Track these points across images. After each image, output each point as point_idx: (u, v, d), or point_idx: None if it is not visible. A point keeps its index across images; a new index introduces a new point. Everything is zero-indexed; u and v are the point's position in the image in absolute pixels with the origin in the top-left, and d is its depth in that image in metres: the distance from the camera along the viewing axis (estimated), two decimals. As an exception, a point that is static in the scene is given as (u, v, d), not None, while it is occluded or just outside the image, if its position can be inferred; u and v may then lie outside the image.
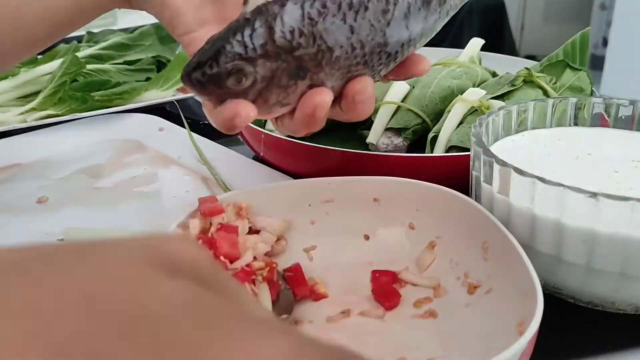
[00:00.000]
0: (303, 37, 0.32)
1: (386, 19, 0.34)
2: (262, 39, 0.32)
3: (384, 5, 0.33)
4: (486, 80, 0.74)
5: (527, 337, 0.32)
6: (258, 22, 0.32)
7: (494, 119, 0.52)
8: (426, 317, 0.44)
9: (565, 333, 0.44)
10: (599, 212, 0.40)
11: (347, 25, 0.33)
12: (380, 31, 0.34)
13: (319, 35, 0.33)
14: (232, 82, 0.33)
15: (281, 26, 0.32)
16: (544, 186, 0.41)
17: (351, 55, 0.34)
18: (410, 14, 0.35)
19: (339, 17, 0.32)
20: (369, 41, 0.34)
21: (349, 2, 0.32)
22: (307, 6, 0.32)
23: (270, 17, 0.32)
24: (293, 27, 0.32)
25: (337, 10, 0.32)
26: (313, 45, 0.33)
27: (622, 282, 0.42)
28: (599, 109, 0.55)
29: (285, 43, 0.33)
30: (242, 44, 0.32)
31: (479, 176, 0.47)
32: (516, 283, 0.38)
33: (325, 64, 0.34)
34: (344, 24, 0.33)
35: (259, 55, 0.32)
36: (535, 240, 0.44)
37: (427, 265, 0.48)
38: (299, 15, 0.32)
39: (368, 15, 0.33)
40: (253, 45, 0.32)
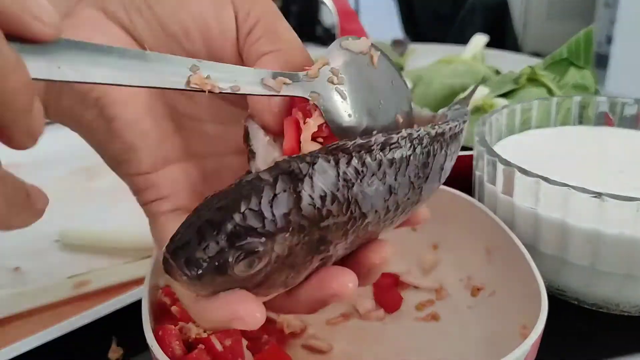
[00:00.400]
0: (336, 203, 0.25)
1: (425, 172, 0.28)
2: (285, 208, 0.24)
3: (424, 158, 0.27)
4: (489, 78, 0.73)
5: (532, 340, 0.31)
6: (281, 185, 0.24)
7: (497, 117, 0.52)
8: (428, 320, 0.44)
9: (570, 335, 0.43)
10: (604, 213, 0.39)
11: (386, 185, 0.26)
12: (418, 188, 0.28)
13: (354, 200, 0.25)
14: (242, 268, 0.24)
15: (310, 190, 0.24)
16: (548, 186, 0.41)
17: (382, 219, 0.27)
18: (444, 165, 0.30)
19: (379, 176, 0.26)
20: (405, 201, 0.28)
21: (391, 158, 0.26)
22: (343, 165, 0.25)
23: (296, 177, 0.24)
24: (325, 192, 0.24)
25: (377, 168, 0.25)
26: (345, 213, 0.25)
27: (627, 284, 0.41)
28: (603, 107, 0.55)
29: (313, 212, 0.24)
30: (258, 215, 0.23)
31: (482, 176, 0.47)
32: (520, 285, 0.38)
33: (351, 233, 0.27)
34: (383, 184, 0.26)
35: (278, 229, 0.24)
36: (539, 241, 0.43)
37: (430, 267, 0.47)
38: (333, 176, 0.24)
39: (409, 171, 0.27)
40: (273, 216, 0.23)
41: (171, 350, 0.34)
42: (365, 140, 0.25)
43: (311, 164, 0.24)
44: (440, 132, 0.28)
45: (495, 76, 0.75)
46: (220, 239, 0.23)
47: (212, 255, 0.23)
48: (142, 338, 0.32)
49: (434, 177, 0.29)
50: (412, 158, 0.27)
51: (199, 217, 0.23)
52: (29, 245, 0.52)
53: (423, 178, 0.28)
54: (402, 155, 0.26)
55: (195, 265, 0.23)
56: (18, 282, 0.47)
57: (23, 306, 0.43)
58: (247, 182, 0.24)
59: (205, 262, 0.23)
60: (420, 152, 0.27)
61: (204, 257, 0.23)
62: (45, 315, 0.43)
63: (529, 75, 0.68)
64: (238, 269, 0.24)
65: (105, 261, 0.50)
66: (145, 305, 0.34)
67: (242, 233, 0.23)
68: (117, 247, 0.51)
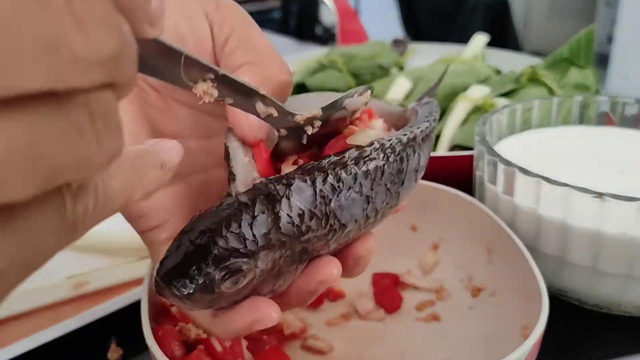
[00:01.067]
0: (314, 219, 0.26)
1: (400, 178, 0.29)
2: (264, 228, 0.25)
3: (399, 164, 0.29)
4: (490, 78, 0.73)
5: (532, 341, 0.31)
6: (259, 207, 0.25)
7: (498, 117, 0.52)
8: (429, 321, 0.44)
9: (571, 336, 0.43)
10: (605, 213, 0.39)
11: (363, 196, 0.27)
12: (395, 193, 0.29)
13: (333, 213, 0.26)
14: (228, 285, 0.25)
15: (288, 209, 0.25)
16: (549, 186, 0.41)
17: (363, 225, 0.29)
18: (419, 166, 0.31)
19: (355, 189, 0.27)
20: (383, 207, 0.29)
21: (365, 171, 0.27)
22: (319, 183, 0.26)
23: (274, 199, 0.25)
24: (303, 210, 0.26)
25: (352, 182, 0.27)
26: (325, 227, 0.27)
27: (629, 284, 0.41)
28: (604, 107, 0.55)
29: (292, 229, 0.26)
30: (239, 237, 0.25)
31: (483, 176, 0.47)
32: (521, 285, 0.38)
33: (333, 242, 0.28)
34: (360, 195, 0.27)
35: (260, 248, 0.25)
36: (540, 242, 0.43)
37: (430, 267, 0.47)
38: (310, 194, 0.26)
39: (385, 179, 0.28)
40: (254, 237, 0.25)
41: (171, 351, 0.34)
42: (340, 156, 0.26)
43: (287, 185, 0.26)
44: (412, 137, 0.29)
45: (496, 76, 0.75)
46: (206, 261, 0.25)
47: (200, 276, 0.25)
48: (141, 338, 0.32)
49: (409, 180, 0.30)
50: (386, 167, 0.28)
51: (185, 241, 0.25)
52: (28, 245, 0.52)
53: (399, 183, 0.29)
54: (377, 166, 0.27)
55: (184, 287, 0.25)
56: (17, 282, 0.47)
57: (22, 306, 0.43)
58: (227, 206, 0.25)
59: (193, 283, 0.25)
60: (394, 160, 0.28)
61: (192, 279, 0.25)
62: (45, 316, 0.43)
63: (530, 75, 0.68)
64: (225, 286, 0.25)
65: (104, 261, 0.49)
66: (144, 306, 0.34)
67: (226, 255, 0.25)
68: (117, 248, 0.51)
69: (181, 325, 0.37)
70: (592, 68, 0.71)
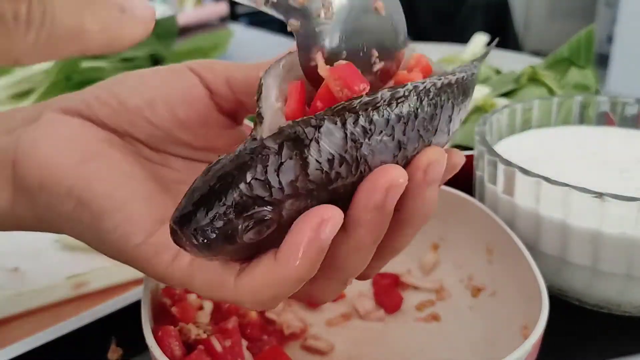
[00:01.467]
0: (344, 165, 0.24)
1: (434, 125, 0.27)
2: (292, 175, 0.23)
3: (432, 110, 0.26)
4: (490, 77, 0.73)
5: (532, 341, 0.31)
6: (286, 152, 0.23)
7: (498, 117, 0.52)
8: (429, 321, 0.44)
9: (571, 336, 0.43)
10: (605, 213, 0.39)
11: (395, 141, 0.25)
12: (427, 141, 0.27)
13: (364, 159, 0.24)
14: (251, 236, 0.24)
15: (317, 155, 0.23)
16: (549, 186, 0.41)
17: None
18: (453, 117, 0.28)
19: (387, 132, 0.25)
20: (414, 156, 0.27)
21: (398, 113, 0.25)
22: (350, 125, 0.24)
23: (302, 143, 0.23)
24: (333, 155, 0.24)
25: (385, 124, 0.24)
26: (355, 174, 0.24)
27: (629, 284, 0.41)
28: (604, 107, 0.55)
29: (320, 176, 0.24)
30: (264, 184, 0.23)
31: (483, 176, 0.47)
32: (521, 285, 0.38)
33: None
34: (392, 140, 0.25)
35: (286, 197, 0.23)
36: (540, 242, 0.43)
37: (430, 267, 0.47)
38: (340, 137, 0.24)
39: (418, 124, 0.26)
40: (280, 184, 0.23)
41: (171, 351, 0.34)
42: (372, 97, 0.24)
43: (317, 127, 0.23)
44: (447, 82, 0.27)
45: (495, 76, 0.75)
46: (228, 208, 0.23)
47: (221, 225, 0.23)
48: (141, 339, 0.32)
49: (442, 129, 0.28)
50: (419, 111, 0.26)
51: (204, 186, 0.23)
52: (28, 246, 0.52)
53: (432, 131, 0.27)
54: (410, 109, 0.25)
55: (203, 235, 0.23)
56: (17, 283, 0.47)
57: (22, 306, 0.43)
58: (251, 150, 0.23)
59: (213, 232, 0.23)
60: (427, 104, 0.26)
61: (213, 227, 0.23)
62: (45, 316, 0.43)
63: (530, 75, 0.68)
64: (247, 237, 0.23)
65: (104, 261, 0.49)
66: (145, 306, 0.34)
67: (250, 203, 0.23)
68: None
69: (181, 325, 0.37)
70: (592, 68, 0.71)
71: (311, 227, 0.23)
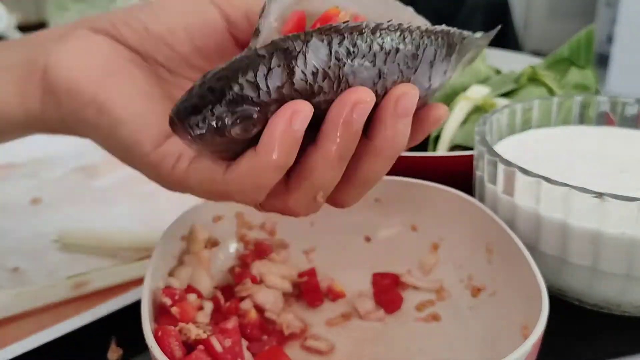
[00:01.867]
0: (327, 80, 0.27)
1: (414, 64, 0.29)
2: (278, 81, 0.26)
3: (414, 49, 0.29)
4: (490, 77, 0.73)
5: (532, 341, 0.31)
6: (275, 60, 0.26)
7: (498, 117, 0.52)
8: (429, 321, 0.44)
9: (571, 336, 0.43)
10: (605, 213, 0.39)
11: (376, 68, 0.28)
12: (407, 78, 0.29)
13: (345, 78, 0.27)
14: (238, 131, 0.27)
15: (303, 66, 0.26)
16: (549, 186, 0.41)
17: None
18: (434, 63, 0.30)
19: (369, 58, 0.27)
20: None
21: (381, 43, 0.27)
22: (335, 44, 0.27)
23: (290, 54, 0.26)
24: (317, 69, 0.27)
25: (367, 50, 0.27)
26: (336, 90, 0.27)
27: (629, 284, 0.41)
28: (604, 107, 0.55)
29: (304, 87, 0.27)
30: (254, 86, 0.26)
31: (483, 176, 0.47)
32: (521, 285, 0.38)
33: None
34: (373, 66, 0.28)
35: (272, 100, 0.27)
36: (540, 242, 0.43)
37: (430, 267, 0.47)
38: (325, 54, 0.27)
39: (398, 58, 0.28)
40: (267, 87, 0.26)
41: (171, 351, 0.34)
42: (357, 23, 0.27)
43: (305, 41, 0.26)
44: (432, 29, 0.29)
45: (495, 76, 0.75)
46: (220, 104, 0.26)
47: (212, 117, 0.27)
48: (141, 338, 0.32)
49: (423, 73, 0.30)
50: (401, 46, 0.28)
51: (202, 85, 0.27)
52: (28, 245, 0.52)
53: (412, 69, 0.29)
54: (392, 41, 0.28)
55: (197, 125, 0.27)
56: (17, 282, 0.47)
57: (22, 306, 0.43)
58: (245, 57, 0.26)
59: (205, 122, 0.27)
60: (410, 41, 0.28)
61: (205, 118, 0.27)
62: (45, 316, 0.43)
63: (530, 75, 0.68)
64: (235, 131, 0.27)
65: (104, 261, 0.49)
66: (145, 306, 0.34)
67: (239, 100, 0.26)
68: (117, 247, 0.51)
69: (181, 325, 0.36)
70: (592, 68, 0.71)
71: (284, 119, 0.26)
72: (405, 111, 0.28)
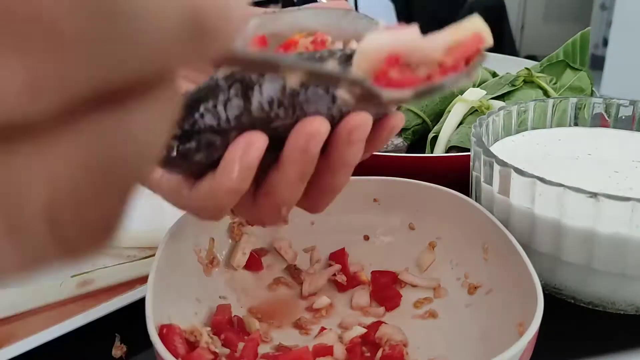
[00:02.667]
0: (282, 108, 0.28)
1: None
2: (237, 110, 0.28)
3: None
4: (486, 80, 0.74)
5: (528, 338, 0.32)
6: (234, 91, 0.28)
7: (494, 119, 0.52)
8: (426, 318, 0.44)
9: (566, 333, 0.44)
10: (599, 213, 0.40)
11: (329, 95, 0.29)
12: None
13: (300, 106, 0.28)
14: (202, 157, 0.28)
15: (259, 96, 0.28)
16: (544, 186, 0.41)
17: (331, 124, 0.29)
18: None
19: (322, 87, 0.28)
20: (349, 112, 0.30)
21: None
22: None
23: (247, 85, 0.28)
24: (272, 98, 0.28)
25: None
26: (292, 117, 0.28)
27: (622, 283, 0.42)
28: (599, 109, 0.55)
29: (262, 115, 0.28)
30: (214, 115, 0.28)
31: (479, 176, 0.47)
32: (516, 283, 0.38)
33: None
34: (326, 93, 0.29)
35: (232, 127, 0.28)
36: (535, 241, 0.44)
37: (427, 265, 0.47)
38: (280, 85, 0.28)
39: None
40: (227, 116, 0.28)
41: (174, 348, 0.34)
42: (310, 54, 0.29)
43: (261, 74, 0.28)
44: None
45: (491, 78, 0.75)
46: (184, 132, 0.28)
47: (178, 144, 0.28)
48: (145, 336, 0.32)
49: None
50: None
51: None
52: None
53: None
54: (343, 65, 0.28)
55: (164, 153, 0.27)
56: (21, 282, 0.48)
57: (27, 305, 0.44)
58: (206, 86, 0.28)
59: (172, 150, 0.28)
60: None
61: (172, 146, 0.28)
62: (50, 314, 0.43)
63: (526, 77, 0.68)
64: (198, 157, 0.28)
65: (108, 260, 0.50)
66: (149, 303, 0.34)
67: (201, 129, 0.28)
68: (121, 246, 0.51)
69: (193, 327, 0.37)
70: (587, 70, 0.71)
71: (241, 148, 0.28)
72: (358, 140, 0.30)
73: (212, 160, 0.29)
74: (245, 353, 0.37)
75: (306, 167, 0.30)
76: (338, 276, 0.47)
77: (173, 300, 0.39)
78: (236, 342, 0.39)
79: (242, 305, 0.45)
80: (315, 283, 0.46)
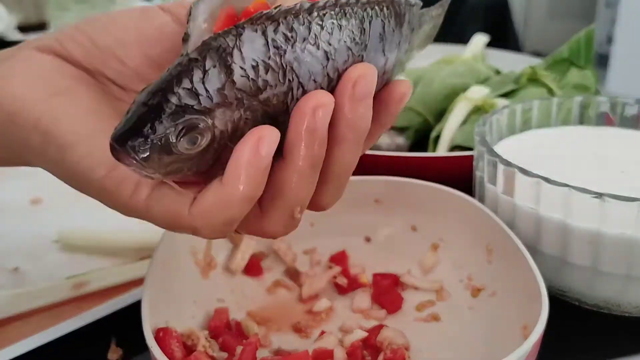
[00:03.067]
0: (270, 72, 0.25)
1: (363, 39, 0.27)
2: (218, 83, 0.24)
3: (358, 23, 0.27)
4: (490, 78, 0.73)
5: (532, 341, 0.31)
6: (209, 61, 0.24)
7: (498, 118, 0.52)
8: (429, 321, 0.44)
9: (571, 336, 0.43)
10: (605, 213, 0.39)
11: (321, 50, 0.26)
12: (359, 56, 0.27)
13: (290, 67, 0.25)
14: (186, 145, 0.24)
15: (241, 62, 0.24)
16: (549, 187, 0.41)
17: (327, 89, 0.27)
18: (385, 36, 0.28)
19: (311, 41, 0.25)
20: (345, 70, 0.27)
21: (320, 22, 0.25)
22: (270, 32, 0.25)
23: (224, 51, 0.24)
24: (257, 62, 0.25)
25: (307, 33, 0.25)
26: (283, 82, 0.25)
27: (628, 285, 0.41)
28: (604, 107, 0.55)
29: (247, 84, 0.25)
30: (192, 93, 0.24)
31: (483, 176, 0.47)
32: (521, 285, 0.38)
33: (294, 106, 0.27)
34: (317, 49, 0.26)
35: (216, 105, 0.25)
36: (540, 242, 0.43)
37: (430, 267, 0.47)
38: (261, 44, 0.25)
39: (343, 36, 0.26)
40: (207, 92, 0.24)
41: (171, 352, 0.34)
42: (290, 6, 0.25)
43: (237, 35, 0.24)
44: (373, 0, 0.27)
45: (495, 76, 0.75)
46: (160, 119, 0.24)
47: (154, 135, 0.24)
48: (141, 339, 0.32)
49: (375, 48, 0.28)
50: (343, 22, 0.26)
51: (137, 104, 0.24)
52: (27, 246, 0.52)
53: (361, 45, 0.27)
54: (332, 19, 0.26)
55: (140, 147, 0.24)
56: (17, 283, 0.47)
57: (22, 307, 0.43)
58: (177, 64, 0.24)
59: (148, 142, 0.24)
60: (352, 15, 0.26)
61: (147, 137, 0.24)
62: (45, 316, 0.43)
63: (530, 75, 0.68)
64: (182, 146, 0.24)
65: (104, 262, 0.49)
66: (145, 306, 0.34)
67: (180, 111, 0.24)
68: (116, 248, 0.51)
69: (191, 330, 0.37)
70: (592, 68, 0.71)
71: (249, 146, 0.25)
72: (365, 94, 0.27)
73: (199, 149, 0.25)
74: (243, 357, 0.37)
75: (317, 149, 0.26)
76: (338, 278, 0.46)
77: (170, 303, 0.39)
78: (234, 346, 0.38)
79: (241, 308, 0.44)
80: (316, 285, 0.46)
